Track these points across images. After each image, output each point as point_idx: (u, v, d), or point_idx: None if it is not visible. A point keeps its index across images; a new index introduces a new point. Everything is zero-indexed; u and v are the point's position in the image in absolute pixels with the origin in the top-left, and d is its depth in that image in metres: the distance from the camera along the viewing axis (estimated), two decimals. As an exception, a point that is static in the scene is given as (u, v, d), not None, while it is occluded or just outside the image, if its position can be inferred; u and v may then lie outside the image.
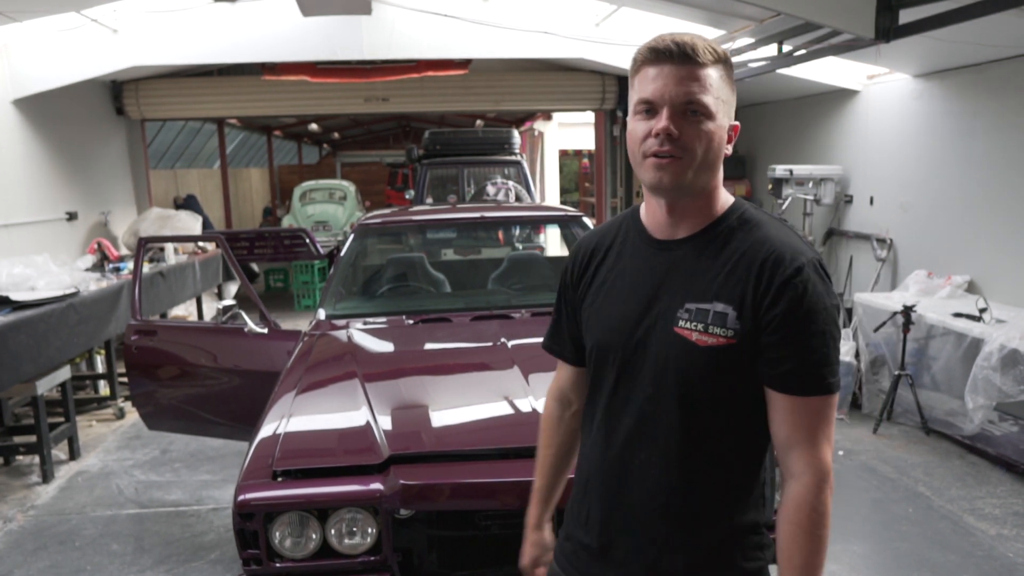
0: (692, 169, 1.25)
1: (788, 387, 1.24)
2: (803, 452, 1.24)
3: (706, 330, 1.25)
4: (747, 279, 1.24)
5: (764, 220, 1.31)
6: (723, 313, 1.24)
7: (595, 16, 7.34)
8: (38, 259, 5.25)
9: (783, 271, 1.22)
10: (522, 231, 7.56)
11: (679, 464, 1.30)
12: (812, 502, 1.23)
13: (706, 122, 1.24)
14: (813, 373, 1.23)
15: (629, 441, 1.34)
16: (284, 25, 7.09)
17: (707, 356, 1.25)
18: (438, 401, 2.61)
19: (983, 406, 4.33)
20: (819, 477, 1.23)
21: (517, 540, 2.24)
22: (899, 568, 3.44)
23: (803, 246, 1.27)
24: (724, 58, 1.27)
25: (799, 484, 1.24)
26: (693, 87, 1.23)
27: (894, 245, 6.44)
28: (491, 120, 16.02)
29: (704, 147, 1.24)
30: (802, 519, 1.23)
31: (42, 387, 4.51)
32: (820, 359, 1.23)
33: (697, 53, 1.23)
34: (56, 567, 3.58)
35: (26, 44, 6.63)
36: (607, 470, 1.38)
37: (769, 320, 1.22)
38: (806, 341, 1.22)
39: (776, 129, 8.44)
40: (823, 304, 1.23)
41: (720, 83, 1.26)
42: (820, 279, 1.24)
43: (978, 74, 5.47)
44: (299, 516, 2.11)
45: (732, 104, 1.30)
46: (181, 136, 13.78)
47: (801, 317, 1.22)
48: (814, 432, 1.24)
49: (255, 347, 3.61)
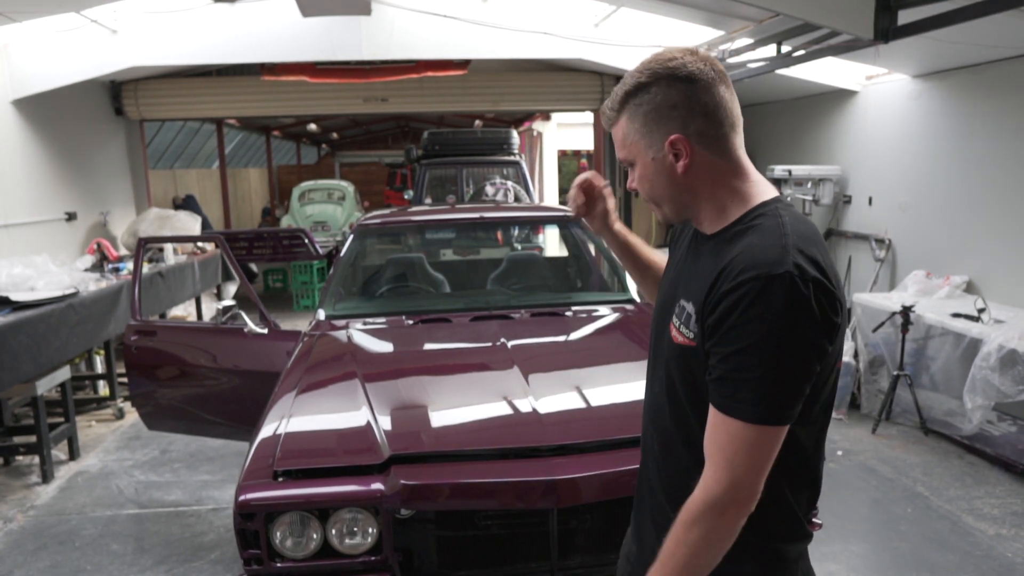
0: (664, 206, 1.35)
1: (711, 396, 1.21)
2: (706, 466, 1.21)
3: (679, 328, 1.29)
4: (708, 283, 1.23)
5: (766, 226, 1.22)
6: (690, 314, 1.26)
7: (594, 16, 7.35)
8: (37, 259, 5.26)
9: (730, 280, 1.17)
10: (521, 231, 7.57)
11: (674, 452, 1.35)
12: (691, 510, 1.20)
13: (633, 170, 1.35)
14: (730, 391, 1.16)
15: (648, 418, 1.44)
16: (283, 25, 7.09)
17: (678, 352, 1.29)
18: (438, 401, 2.62)
19: (981, 406, 4.34)
20: (704, 495, 1.18)
21: (517, 540, 2.26)
22: (898, 568, 3.44)
23: (779, 258, 1.14)
24: (628, 92, 1.28)
25: (697, 490, 1.21)
26: (616, 149, 1.36)
27: (893, 245, 6.45)
28: (490, 120, 16.01)
29: (648, 188, 1.33)
30: (679, 519, 1.21)
31: (42, 387, 4.51)
32: (743, 379, 1.15)
33: (606, 115, 1.35)
34: (56, 567, 3.58)
35: (26, 44, 6.63)
36: (642, 441, 1.48)
37: (708, 326, 1.21)
38: (733, 356, 1.16)
39: (775, 129, 8.45)
40: (767, 322, 1.12)
41: (628, 125, 1.30)
42: (780, 296, 1.12)
43: (977, 75, 5.48)
44: (300, 516, 2.11)
45: (653, 128, 1.27)
46: (180, 136, 13.78)
47: (730, 328, 1.15)
48: (720, 452, 1.18)
49: (255, 347, 3.61)
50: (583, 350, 3.23)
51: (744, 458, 1.16)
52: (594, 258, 4.59)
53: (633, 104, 1.28)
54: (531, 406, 2.41)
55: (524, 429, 2.33)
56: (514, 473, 2.14)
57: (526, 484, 2.11)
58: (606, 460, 2.15)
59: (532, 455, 2.21)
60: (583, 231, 4.39)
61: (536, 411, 2.38)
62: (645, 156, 1.29)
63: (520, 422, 2.37)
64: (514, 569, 2.25)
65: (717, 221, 1.31)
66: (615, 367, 2.95)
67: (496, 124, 15.56)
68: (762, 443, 1.16)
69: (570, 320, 3.49)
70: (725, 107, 1.26)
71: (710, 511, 1.18)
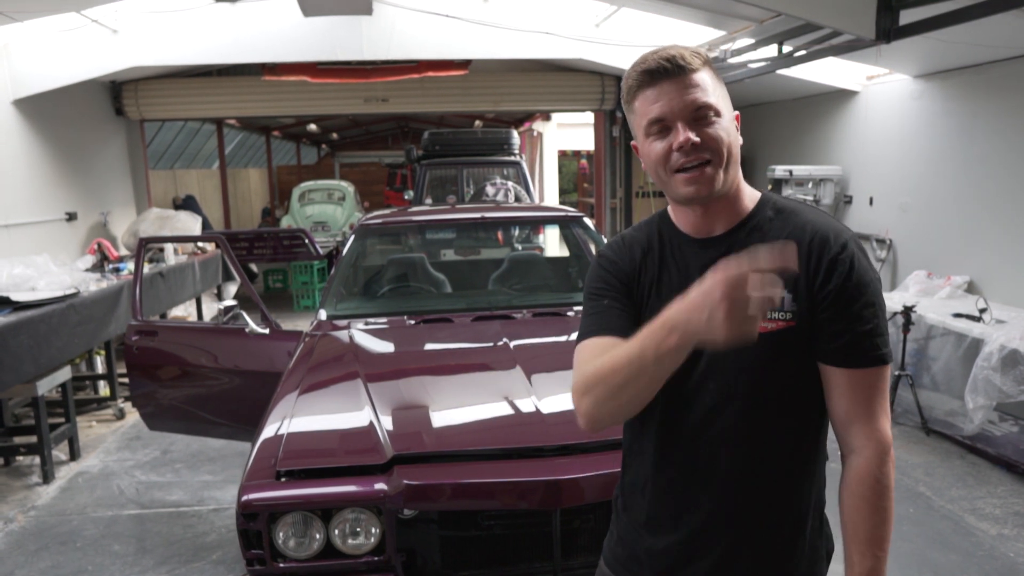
0: (721, 169, 1.28)
1: (845, 360, 1.26)
2: (863, 426, 1.27)
3: (766, 316, 1.23)
4: (796, 262, 1.23)
5: (799, 207, 1.36)
6: (783, 296, 1.26)
7: (595, 17, 7.36)
8: (38, 259, 5.25)
9: (830, 249, 1.27)
10: (521, 231, 7.56)
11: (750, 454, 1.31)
12: (876, 474, 1.25)
13: (719, 120, 1.28)
14: (867, 344, 1.26)
15: (695, 438, 1.32)
16: (284, 25, 7.09)
17: (768, 341, 1.25)
18: (441, 401, 2.61)
19: (983, 406, 4.34)
20: (880, 449, 1.26)
21: (520, 540, 2.25)
22: (900, 568, 3.44)
23: (841, 226, 1.33)
24: (707, 59, 1.32)
25: (861, 457, 1.27)
26: (696, 93, 1.26)
27: (894, 245, 6.45)
28: (490, 121, 16.02)
29: (726, 144, 1.28)
30: (866, 491, 1.26)
31: (42, 388, 4.51)
32: (872, 330, 1.26)
33: (688, 61, 1.27)
34: (57, 567, 3.58)
35: (26, 44, 6.63)
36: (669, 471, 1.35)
37: (823, 297, 1.26)
38: (858, 313, 1.26)
39: (776, 129, 8.46)
40: (869, 277, 1.27)
41: (714, 82, 1.30)
42: (863, 254, 1.29)
43: (978, 75, 5.48)
44: (303, 516, 2.11)
45: (726, 95, 1.33)
46: (180, 136, 13.78)
47: (851, 291, 1.25)
48: (871, 405, 1.27)
49: (256, 347, 3.61)
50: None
51: (887, 401, 1.30)
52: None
53: (712, 68, 1.32)
54: (534, 406, 2.40)
55: (527, 429, 2.33)
56: (517, 473, 2.14)
57: (529, 484, 2.11)
58: (609, 460, 2.14)
59: (535, 455, 2.21)
60: (584, 231, 4.39)
61: (539, 411, 2.37)
62: (730, 111, 1.31)
63: (523, 422, 2.37)
64: (517, 569, 2.25)
65: (735, 210, 1.35)
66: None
67: (496, 124, 15.56)
68: (887, 382, 1.30)
69: (572, 320, 3.48)
70: None
71: (889, 461, 1.26)
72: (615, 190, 10.31)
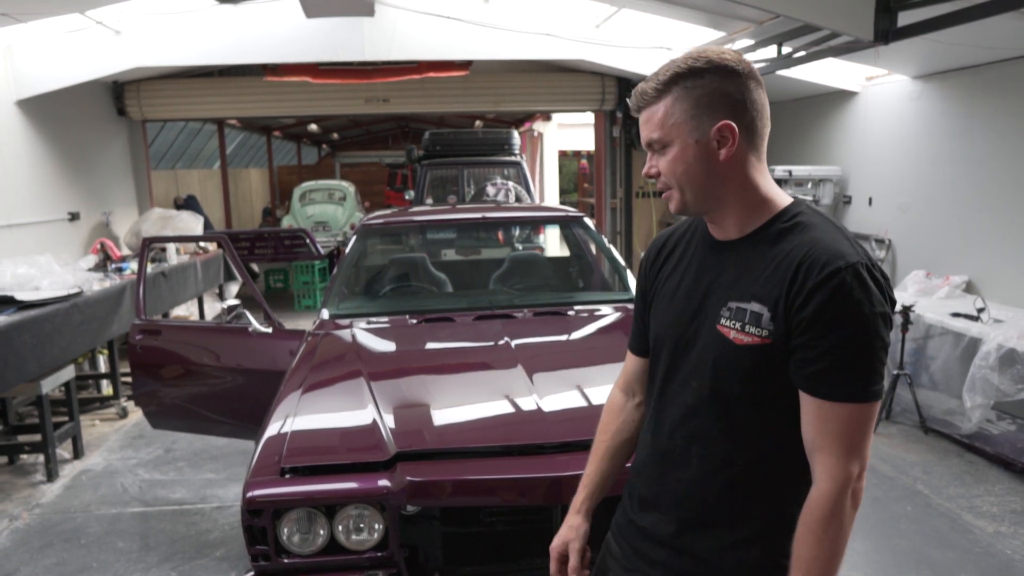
0: (687, 193, 1.34)
1: (814, 389, 1.24)
2: (825, 458, 1.24)
3: (743, 329, 1.29)
4: (783, 281, 1.26)
5: (817, 223, 1.31)
6: (758, 313, 1.27)
7: (595, 17, 7.37)
8: (41, 259, 5.28)
9: (816, 274, 1.22)
10: (522, 231, 7.59)
11: (719, 457, 1.35)
12: (824, 506, 1.23)
13: (668, 151, 1.33)
14: (838, 379, 1.22)
15: (674, 431, 1.42)
16: (286, 26, 7.11)
17: (742, 354, 1.29)
18: (443, 399, 2.64)
19: (981, 405, 4.37)
20: (835, 484, 1.23)
21: (521, 536, 2.28)
22: (898, 565, 3.47)
23: (849, 251, 1.24)
24: (679, 74, 1.30)
25: (816, 489, 1.25)
26: (647, 129, 1.34)
27: (892, 245, 6.47)
28: (490, 121, 16.03)
29: (680, 171, 1.32)
30: (811, 522, 1.24)
31: (46, 386, 4.54)
32: (849, 365, 1.22)
33: (646, 94, 1.33)
34: (62, 565, 3.61)
35: (30, 45, 6.65)
36: (655, 456, 1.46)
37: (799, 322, 1.24)
38: (836, 345, 1.21)
39: (775, 130, 8.40)
40: (861, 311, 1.20)
41: (674, 105, 1.30)
42: (860, 285, 1.21)
43: (976, 76, 5.51)
44: (307, 512, 2.14)
45: (703, 112, 1.29)
46: (181, 137, 13.80)
47: (829, 320, 1.21)
48: (840, 439, 1.23)
49: (259, 346, 3.63)
50: (586, 349, 3.25)
51: (862, 438, 1.24)
52: (595, 258, 4.62)
53: (684, 86, 1.30)
54: (535, 404, 2.43)
55: (528, 426, 2.35)
56: (518, 470, 2.17)
57: (530, 481, 2.14)
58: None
59: (536, 452, 2.24)
60: (584, 231, 4.42)
61: (540, 409, 2.40)
62: (687, 138, 1.30)
63: (524, 419, 2.39)
64: (518, 565, 2.28)
65: (748, 219, 1.35)
66: (617, 366, 2.95)
67: (497, 124, 15.58)
68: (871, 419, 1.25)
69: (572, 319, 3.51)
70: (767, 111, 1.35)
71: (843, 499, 1.23)
72: (615, 190, 10.33)
